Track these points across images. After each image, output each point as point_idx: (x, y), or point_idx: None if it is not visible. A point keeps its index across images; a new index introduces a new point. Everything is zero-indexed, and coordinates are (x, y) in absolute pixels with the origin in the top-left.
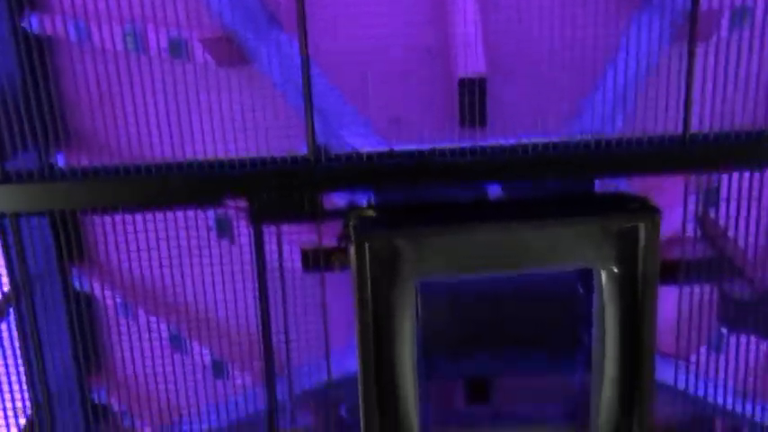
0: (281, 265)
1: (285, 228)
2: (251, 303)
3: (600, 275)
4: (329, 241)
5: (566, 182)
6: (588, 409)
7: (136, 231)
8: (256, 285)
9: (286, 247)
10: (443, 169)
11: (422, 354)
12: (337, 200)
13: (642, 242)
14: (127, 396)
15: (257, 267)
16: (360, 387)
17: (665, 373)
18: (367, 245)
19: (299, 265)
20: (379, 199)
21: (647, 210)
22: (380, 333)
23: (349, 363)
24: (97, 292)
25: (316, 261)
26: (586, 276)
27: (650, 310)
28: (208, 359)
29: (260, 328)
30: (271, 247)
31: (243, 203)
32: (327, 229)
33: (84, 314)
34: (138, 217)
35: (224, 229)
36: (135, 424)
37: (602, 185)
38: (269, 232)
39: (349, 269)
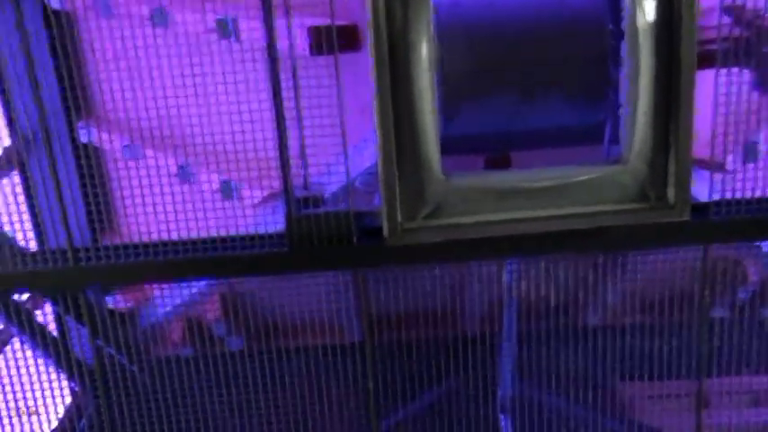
0: (291, 44)
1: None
2: (265, 103)
3: None
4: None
5: None
6: (619, 149)
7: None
8: (268, 76)
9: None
10: None
11: (441, 102)
12: None
13: None
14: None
15: (267, 33)
16: (377, 127)
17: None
18: None
19: (308, 53)
20: None
21: None
22: (397, 58)
23: (366, 158)
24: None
25: (328, 38)
26: (615, 10)
27: (689, 26)
28: (216, 182)
29: (274, 115)
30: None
31: None
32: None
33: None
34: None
35: (225, 28)
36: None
37: None
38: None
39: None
